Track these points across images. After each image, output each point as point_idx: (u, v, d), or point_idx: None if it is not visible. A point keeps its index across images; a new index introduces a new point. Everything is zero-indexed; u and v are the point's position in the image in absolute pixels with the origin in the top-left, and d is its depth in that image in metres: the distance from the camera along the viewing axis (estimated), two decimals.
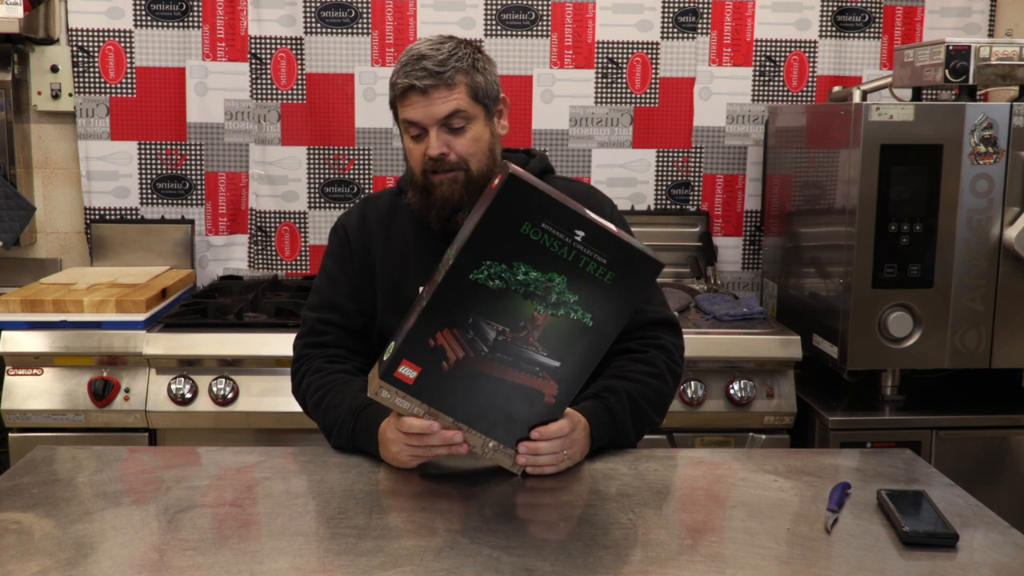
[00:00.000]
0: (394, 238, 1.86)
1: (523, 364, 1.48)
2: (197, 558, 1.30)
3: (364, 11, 3.13)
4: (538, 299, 1.43)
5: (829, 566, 1.32)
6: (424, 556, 1.31)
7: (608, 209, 1.90)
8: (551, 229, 1.38)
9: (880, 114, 2.42)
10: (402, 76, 1.74)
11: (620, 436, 1.71)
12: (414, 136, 1.77)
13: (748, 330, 2.70)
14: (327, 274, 1.90)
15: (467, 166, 1.76)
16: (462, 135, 1.76)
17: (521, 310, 1.43)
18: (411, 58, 1.74)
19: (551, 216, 1.38)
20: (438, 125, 1.74)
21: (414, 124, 1.75)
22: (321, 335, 1.86)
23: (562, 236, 1.39)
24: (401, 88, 1.74)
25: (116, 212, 3.19)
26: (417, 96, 1.73)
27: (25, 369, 2.59)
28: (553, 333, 1.46)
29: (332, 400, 1.74)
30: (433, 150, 1.74)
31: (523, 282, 1.41)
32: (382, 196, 1.94)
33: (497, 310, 1.43)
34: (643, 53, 3.19)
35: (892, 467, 1.68)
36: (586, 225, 1.39)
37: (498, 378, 1.49)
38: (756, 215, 3.29)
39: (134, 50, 3.12)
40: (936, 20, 3.22)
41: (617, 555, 1.34)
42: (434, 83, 1.72)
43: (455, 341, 1.46)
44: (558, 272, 1.41)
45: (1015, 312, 2.51)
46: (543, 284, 1.41)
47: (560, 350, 1.48)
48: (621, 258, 1.42)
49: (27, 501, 1.49)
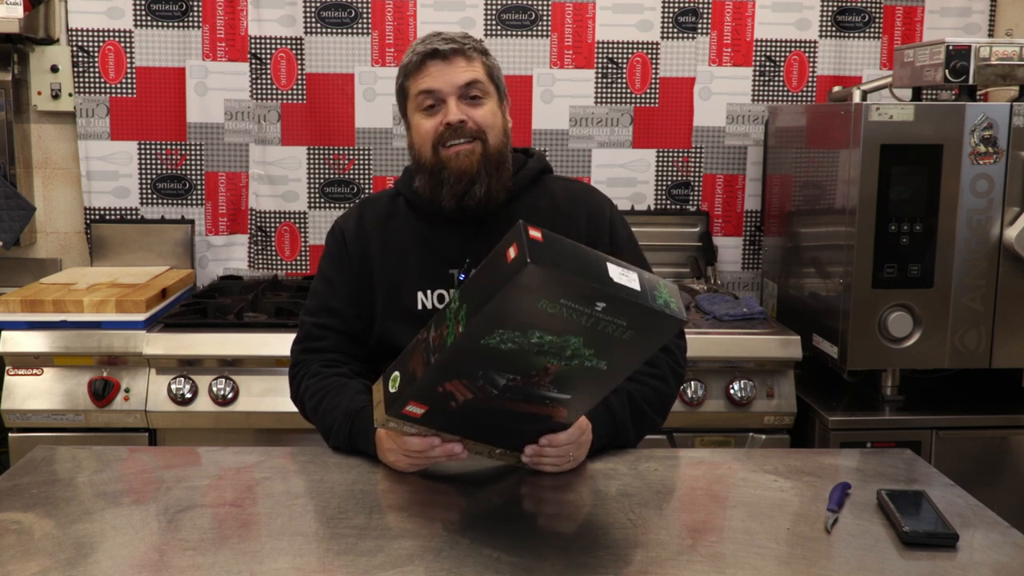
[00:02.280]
0: (392, 241, 1.85)
1: (533, 399, 1.44)
2: (197, 558, 1.30)
3: (364, 11, 3.13)
4: (552, 355, 1.36)
5: (829, 566, 1.32)
6: (424, 556, 1.31)
7: (607, 210, 1.89)
8: (570, 303, 1.28)
9: (880, 114, 2.42)
10: (420, 46, 1.74)
11: (620, 436, 1.71)
12: (428, 107, 1.75)
13: (748, 330, 2.70)
14: (324, 278, 1.88)
15: (484, 137, 1.75)
16: (480, 106, 1.75)
17: (534, 363, 1.37)
18: (424, 38, 1.76)
19: (570, 294, 1.27)
20: (457, 94, 1.73)
21: (431, 93, 1.74)
22: (318, 340, 1.84)
23: (581, 308, 1.29)
24: (420, 55, 1.74)
25: (116, 212, 3.19)
26: (438, 63, 1.73)
27: (25, 369, 2.59)
28: (565, 377, 1.40)
29: (329, 403, 1.74)
30: (452, 116, 1.72)
31: (537, 344, 1.33)
32: (380, 198, 1.92)
33: (509, 365, 1.37)
34: (643, 53, 3.19)
35: (892, 467, 1.69)
36: (608, 297, 1.28)
37: (507, 410, 1.46)
38: (756, 215, 3.29)
39: (134, 50, 3.12)
40: (936, 20, 3.22)
41: (617, 555, 1.34)
42: (455, 49, 1.73)
43: (464, 388, 1.41)
44: (575, 334, 1.33)
45: (1015, 312, 2.51)
46: (558, 344, 1.34)
47: (571, 388, 1.43)
48: (642, 321, 1.33)
49: (27, 501, 1.49)
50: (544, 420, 1.50)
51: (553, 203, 1.86)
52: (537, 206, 1.84)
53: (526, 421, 1.49)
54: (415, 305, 1.80)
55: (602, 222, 1.86)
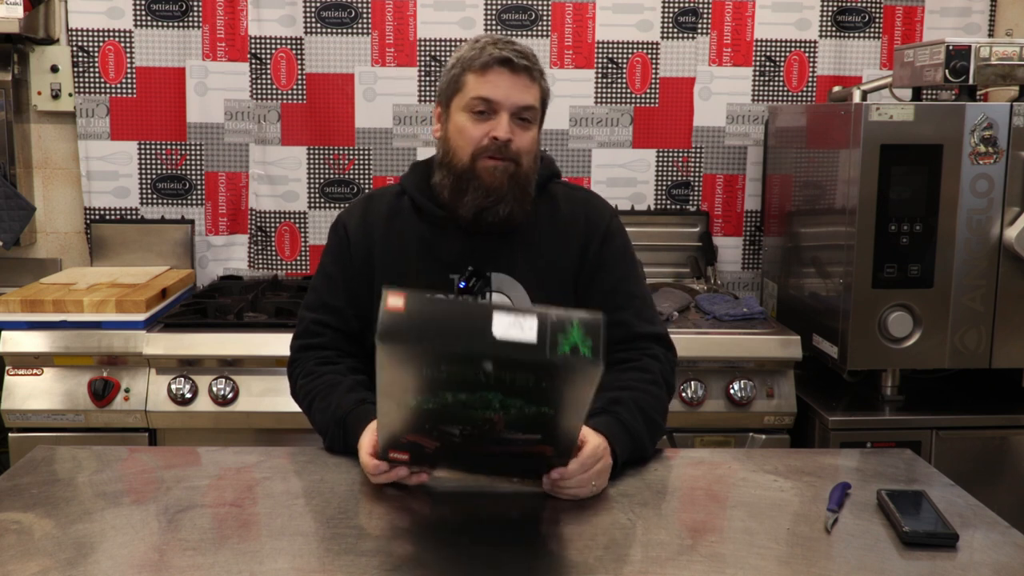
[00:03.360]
0: (394, 241, 1.83)
1: (505, 442, 1.35)
2: (197, 558, 1.30)
3: (364, 11, 3.13)
4: (484, 408, 1.26)
5: (829, 566, 1.32)
6: (424, 556, 1.31)
7: (606, 217, 1.87)
8: (453, 367, 1.20)
9: (880, 114, 2.42)
10: (493, 48, 1.70)
11: (637, 450, 1.65)
12: (479, 112, 1.71)
13: (748, 330, 2.70)
14: (325, 273, 1.87)
15: (520, 161, 1.73)
16: (527, 131, 1.74)
17: (472, 416, 1.28)
18: (496, 39, 1.72)
19: (446, 359, 1.20)
20: (512, 111, 1.71)
21: (487, 101, 1.70)
22: (315, 336, 1.84)
23: (468, 370, 1.20)
24: (491, 58, 1.69)
25: (116, 212, 3.19)
26: (505, 73, 1.69)
27: (25, 369, 2.59)
28: (518, 422, 1.30)
29: (320, 404, 1.74)
30: (503, 132, 1.69)
31: (460, 402, 1.25)
32: (384, 195, 1.90)
33: (451, 419, 1.29)
34: (643, 53, 3.19)
35: (892, 467, 1.69)
36: (490, 357, 1.19)
37: (489, 452, 1.39)
38: (756, 215, 3.29)
39: (134, 50, 3.12)
40: (936, 20, 3.22)
41: (617, 555, 1.34)
42: (526, 67, 1.70)
43: (427, 439, 1.36)
44: (488, 390, 1.24)
45: (1015, 312, 2.51)
46: (480, 399, 1.25)
47: (535, 429, 1.32)
48: (548, 372, 1.22)
49: (27, 501, 1.49)
50: (538, 457, 1.41)
51: (555, 212, 1.85)
52: (541, 215, 1.83)
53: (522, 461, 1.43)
54: None
55: (597, 228, 1.84)
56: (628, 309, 1.79)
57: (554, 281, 1.81)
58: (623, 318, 1.77)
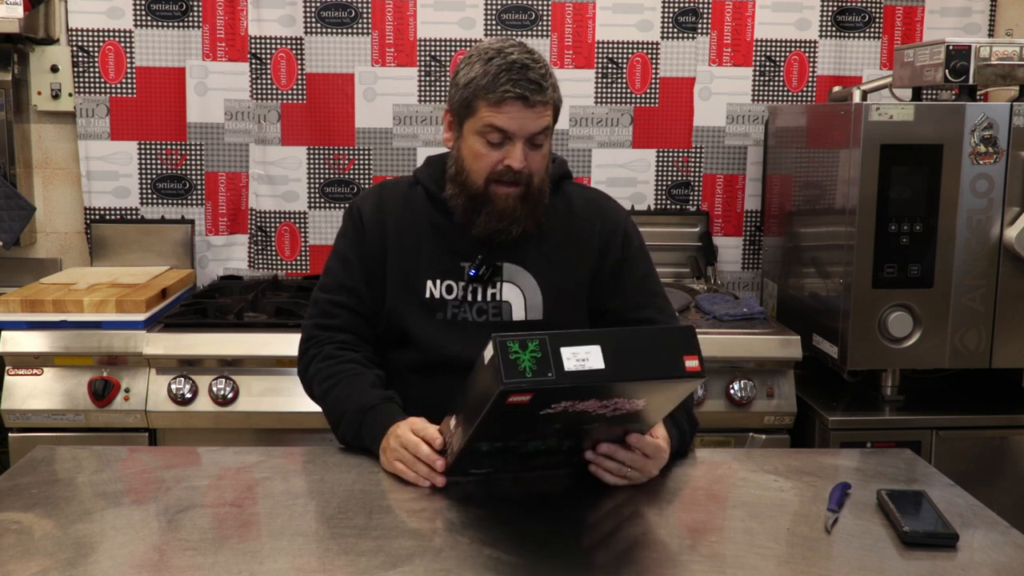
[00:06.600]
0: (407, 227, 1.84)
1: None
2: (197, 558, 1.30)
3: (364, 11, 3.13)
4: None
5: (829, 566, 1.32)
6: (424, 556, 1.31)
7: (622, 219, 1.90)
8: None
9: (880, 114, 2.42)
10: (506, 83, 1.66)
11: (683, 444, 1.71)
12: (493, 142, 1.71)
13: (748, 330, 2.70)
14: (340, 256, 1.87)
15: (531, 181, 1.74)
16: (539, 151, 1.74)
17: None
18: (510, 64, 1.67)
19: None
20: (525, 139, 1.71)
21: (501, 131, 1.69)
22: (332, 317, 1.84)
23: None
24: (505, 95, 1.67)
25: (116, 212, 3.19)
26: (520, 106, 1.67)
27: (25, 369, 2.59)
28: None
29: (341, 392, 1.74)
30: (518, 163, 1.70)
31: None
32: (398, 185, 1.91)
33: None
34: (643, 53, 3.19)
35: (892, 467, 1.69)
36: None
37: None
38: (756, 215, 3.29)
39: (134, 50, 3.12)
40: (936, 20, 3.22)
41: (617, 555, 1.34)
42: (541, 99, 1.69)
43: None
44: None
45: (1015, 312, 2.51)
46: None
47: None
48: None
49: (27, 501, 1.49)
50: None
51: (570, 209, 1.87)
52: (555, 211, 1.85)
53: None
54: (423, 293, 1.81)
55: (616, 230, 1.87)
56: (651, 307, 1.86)
57: (568, 275, 1.83)
58: (647, 315, 1.83)
